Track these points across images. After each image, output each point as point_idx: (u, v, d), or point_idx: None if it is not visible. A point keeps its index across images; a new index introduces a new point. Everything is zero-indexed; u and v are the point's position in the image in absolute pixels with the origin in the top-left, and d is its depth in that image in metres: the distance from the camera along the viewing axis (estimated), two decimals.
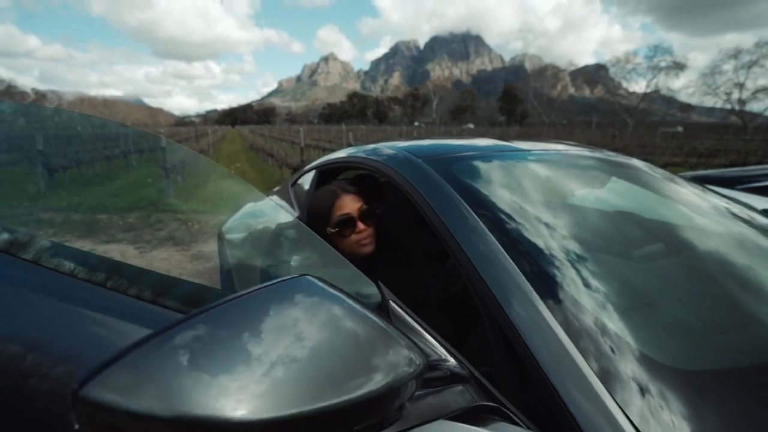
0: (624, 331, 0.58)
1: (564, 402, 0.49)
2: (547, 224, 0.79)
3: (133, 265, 0.67)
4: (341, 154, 1.47)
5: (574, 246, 0.75)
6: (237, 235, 1.24)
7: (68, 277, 0.58)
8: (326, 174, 1.56)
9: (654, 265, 0.86)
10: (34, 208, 1.06)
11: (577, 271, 0.68)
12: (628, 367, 0.52)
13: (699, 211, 1.06)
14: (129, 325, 0.53)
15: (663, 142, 25.53)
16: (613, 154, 1.33)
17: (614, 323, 0.59)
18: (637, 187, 1.16)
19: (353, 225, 1.15)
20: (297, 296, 0.40)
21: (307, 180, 1.63)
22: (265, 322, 0.37)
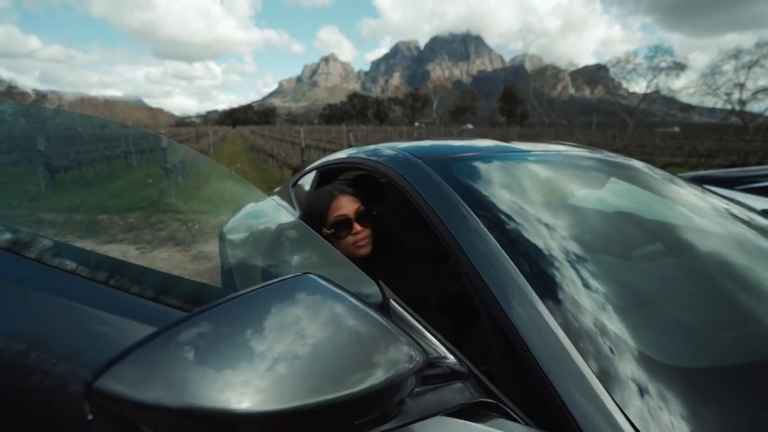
0: (623, 330, 0.59)
1: (563, 401, 0.50)
2: (546, 225, 0.80)
3: (134, 264, 0.68)
4: (342, 154, 1.47)
5: (574, 246, 0.76)
6: (238, 235, 1.24)
7: (71, 275, 0.58)
8: (327, 175, 1.57)
9: (653, 265, 0.86)
10: (36, 208, 1.06)
11: (577, 271, 0.68)
12: (627, 367, 0.53)
13: (698, 212, 1.07)
14: (131, 323, 0.53)
15: (663, 143, 25.53)
16: (613, 154, 1.34)
17: (613, 323, 0.60)
18: (637, 188, 1.17)
19: (350, 226, 1.13)
20: (299, 294, 0.41)
21: (307, 180, 1.63)
22: (268, 319, 0.38)
